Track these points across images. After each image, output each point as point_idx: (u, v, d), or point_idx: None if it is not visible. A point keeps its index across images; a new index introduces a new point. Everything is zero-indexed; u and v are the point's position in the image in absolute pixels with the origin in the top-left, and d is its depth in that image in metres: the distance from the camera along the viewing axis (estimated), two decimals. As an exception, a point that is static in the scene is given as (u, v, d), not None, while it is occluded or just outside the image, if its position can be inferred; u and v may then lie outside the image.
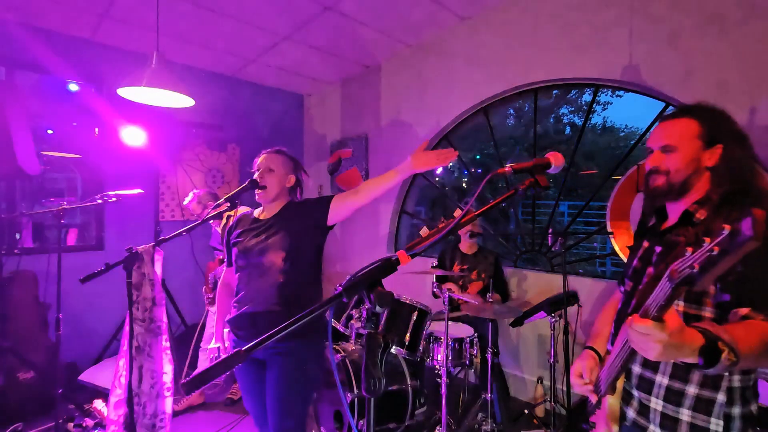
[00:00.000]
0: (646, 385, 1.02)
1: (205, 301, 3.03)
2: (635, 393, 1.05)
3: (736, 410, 0.93)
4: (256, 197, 1.72)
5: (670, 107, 2.46)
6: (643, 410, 1.03)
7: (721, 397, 0.92)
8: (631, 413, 1.06)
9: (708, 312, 0.94)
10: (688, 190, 1.04)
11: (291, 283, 1.62)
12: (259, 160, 1.74)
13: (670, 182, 1.05)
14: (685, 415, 0.95)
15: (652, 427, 1.01)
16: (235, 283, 1.73)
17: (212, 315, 2.99)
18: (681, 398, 0.96)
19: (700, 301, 0.95)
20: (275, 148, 1.77)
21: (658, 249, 1.08)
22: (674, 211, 1.09)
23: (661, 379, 0.99)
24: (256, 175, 1.69)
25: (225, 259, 1.87)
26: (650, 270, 1.08)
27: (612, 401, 1.08)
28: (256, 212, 1.80)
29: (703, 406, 0.94)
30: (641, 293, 1.05)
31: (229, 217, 2.49)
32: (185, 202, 3.09)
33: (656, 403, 1.00)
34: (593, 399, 1.12)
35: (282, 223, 1.67)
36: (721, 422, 0.92)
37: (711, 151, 1.02)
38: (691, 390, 0.95)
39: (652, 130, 1.12)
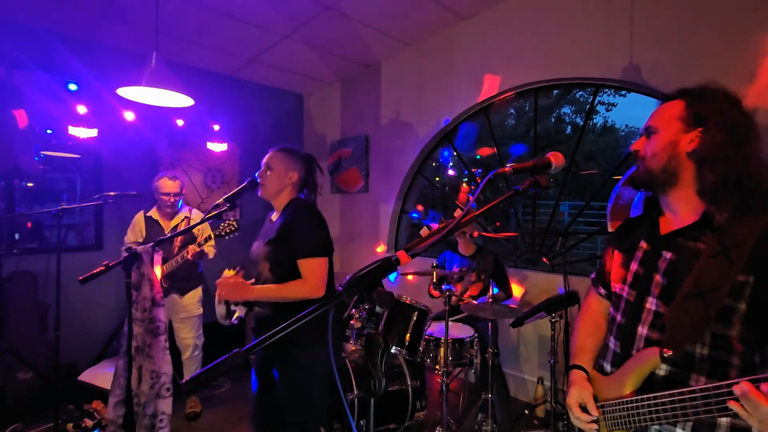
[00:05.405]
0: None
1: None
2: None
3: None
4: (258, 193, 1.73)
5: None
6: None
7: None
8: None
9: (735, 331, 0.84)
10: (673, 179, 0.93)
11: None
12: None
13: (646, 168, 0.95)
14: None
15: None
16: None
17: None
18: None
19: (728, 321, 0.84)
20: (279, 147, 1.77)
21: (667, 255, 0.94)
22: (675, 207, 0.96)
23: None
24: (257, 173, 1.72)
25: None
26: (658, 278, 0.94)
27: None
28: (274, 214, 1.81)
29: None
30: (672, 316, 0.88)
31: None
32: (164, 181, 2.90)
33: None
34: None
35: (272, 234, 1.65)
36: None
37: (692, 134, 0.90)
38: None
39: None
